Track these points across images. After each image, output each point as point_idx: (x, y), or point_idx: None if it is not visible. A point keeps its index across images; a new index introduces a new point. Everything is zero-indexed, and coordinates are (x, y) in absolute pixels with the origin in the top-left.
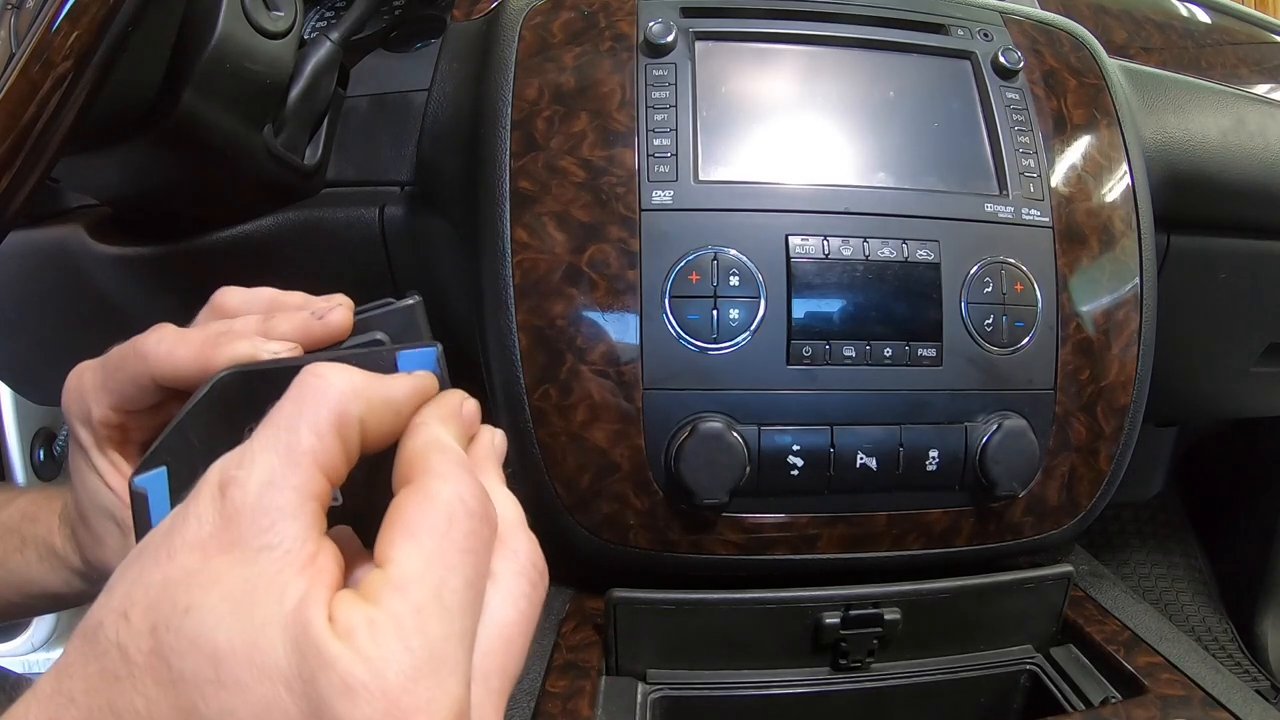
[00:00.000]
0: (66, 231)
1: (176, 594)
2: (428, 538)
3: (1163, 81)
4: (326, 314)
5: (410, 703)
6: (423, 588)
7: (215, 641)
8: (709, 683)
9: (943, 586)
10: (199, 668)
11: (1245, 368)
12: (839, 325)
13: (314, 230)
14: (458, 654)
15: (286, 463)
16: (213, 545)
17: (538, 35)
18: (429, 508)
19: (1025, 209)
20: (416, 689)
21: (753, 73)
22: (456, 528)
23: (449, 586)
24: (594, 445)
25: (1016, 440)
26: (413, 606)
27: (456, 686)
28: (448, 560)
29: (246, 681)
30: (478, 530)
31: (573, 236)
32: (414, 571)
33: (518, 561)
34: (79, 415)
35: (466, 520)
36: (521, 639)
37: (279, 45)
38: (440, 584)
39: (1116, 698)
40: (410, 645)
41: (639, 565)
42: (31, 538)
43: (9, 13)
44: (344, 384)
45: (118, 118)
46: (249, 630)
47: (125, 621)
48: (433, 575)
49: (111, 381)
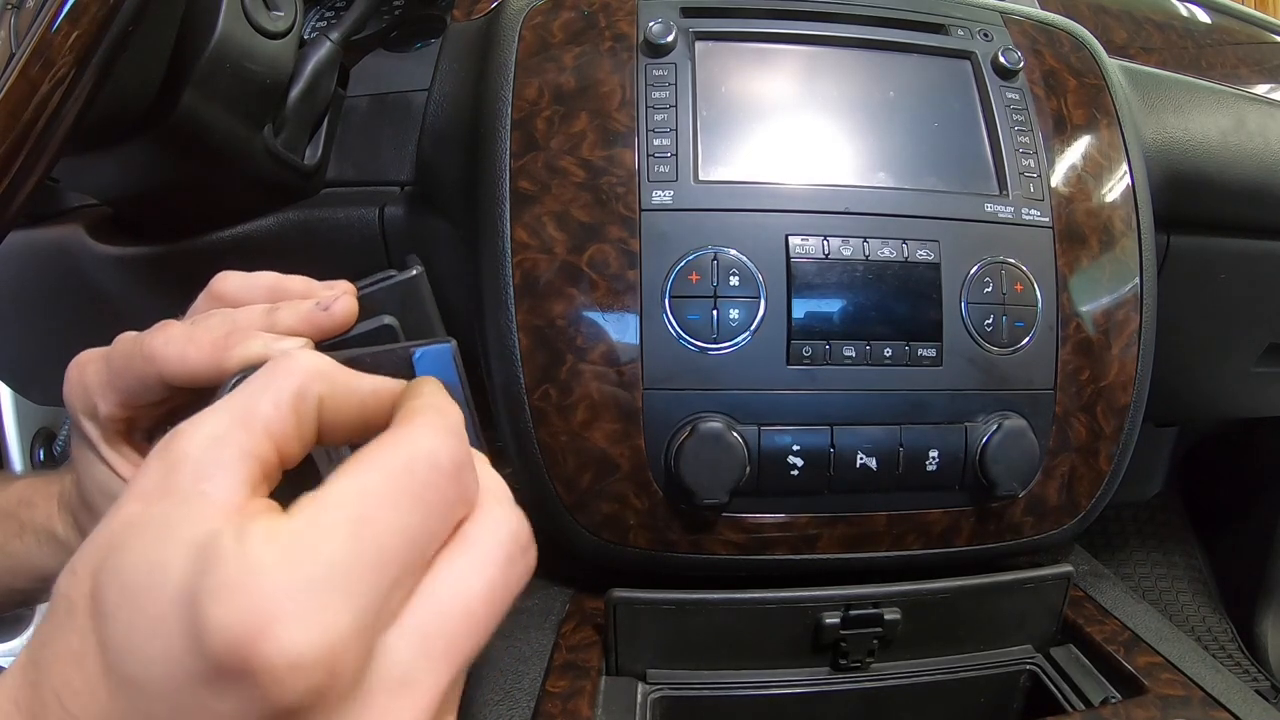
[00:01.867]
0: (66, 231)
1: (114, 539)
2: (376, 473)
3: (1163, 81)
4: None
5: (275, 610)
6: (342, 512)
7: (129, 570)
8: (709, 683)
9: (943, 586)
10: (114, 599)
11: (1245, 368)
12: (839, 325)
13: (314, 230)
14: (361, 589)
15: (235, 422)
16: (154, 494)
17: (538, 35)
18: (393, 450)
19: (1025, 209)
20: (286, 601)
21: (753, 73)
22: (413, 475)
23: (378, 523)
24: (594, 445)
25: (1016, 440)
26: (323, 525)
27: (341, 616)
28: (389, 499)
29: (145, 604)
30: (439, 486)
31: (573, 236)
32: (343, 496)
33: (496, 533)
34: (84, 409)
35: (429, 472)
36: (484, 612)
37: (279, 45)
38: (367, 517)
39: (1116, 698)
40: (300, 557)
41: (639, 565)
42: (30, 523)
43: (9, 13)
44: (310, 364)
45: (118, 118)
46: (155, 554)
47: (73, 575)
48: (362, 505)
49: (118, 380)
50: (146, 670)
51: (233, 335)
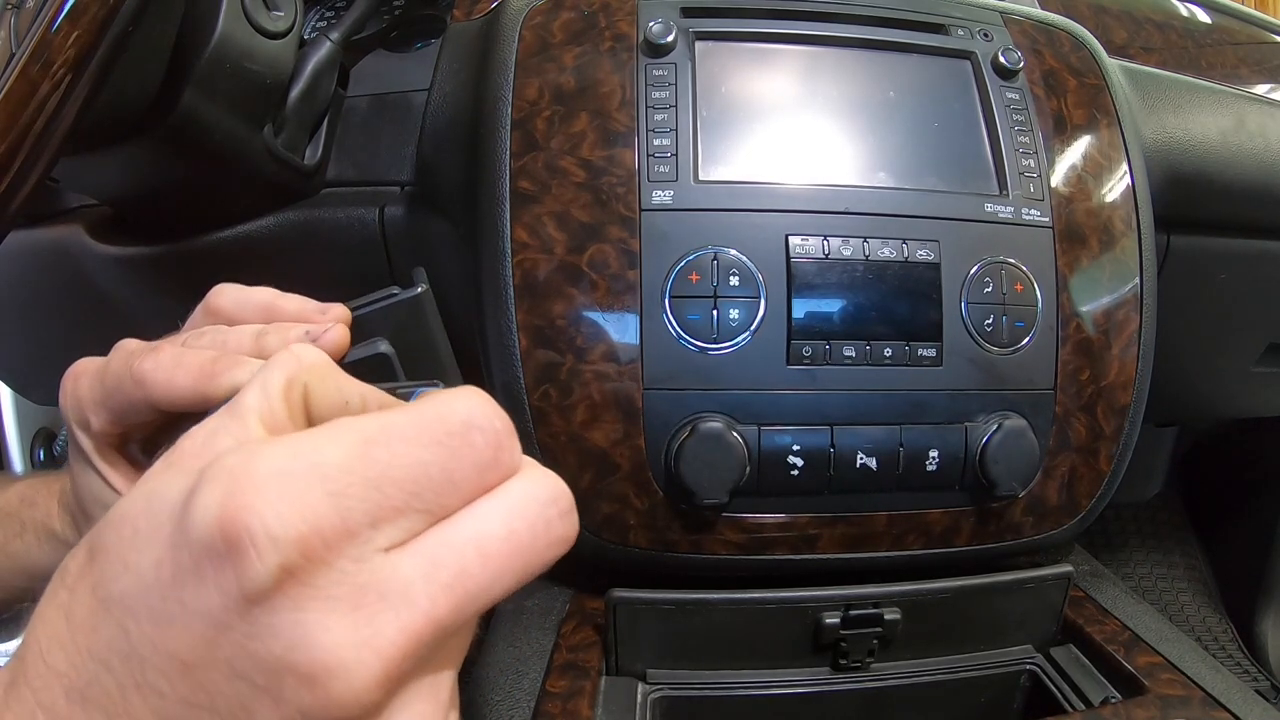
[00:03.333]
0: (66, 231)
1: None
2: (405, 414)
3: (1163, 81)
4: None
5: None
6: (355, 432)
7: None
8: (709, 683)
9: (943, 586)
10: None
11: (1245, 368)
12: (839, 325)
13: (314, 230)
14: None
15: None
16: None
17: (538, 35)
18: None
19: (1025, 209)
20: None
21: (753, 73)
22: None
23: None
24: (594, 445)
25: (1016, 440)
26: (329, 434)
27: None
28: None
29: (139, 526)
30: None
31: (573, 236)
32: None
33: (530, 489)
34: (78, 422)
35: (461, 424)
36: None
37: (279, 45)
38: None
39: (1116, 698)
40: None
41: (639, 565)
42: (31, 522)
43: (9, 13)
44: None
45: (118, 118)
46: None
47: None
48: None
49: (110, 400)
50: (135, 580)
51: (219, 361)
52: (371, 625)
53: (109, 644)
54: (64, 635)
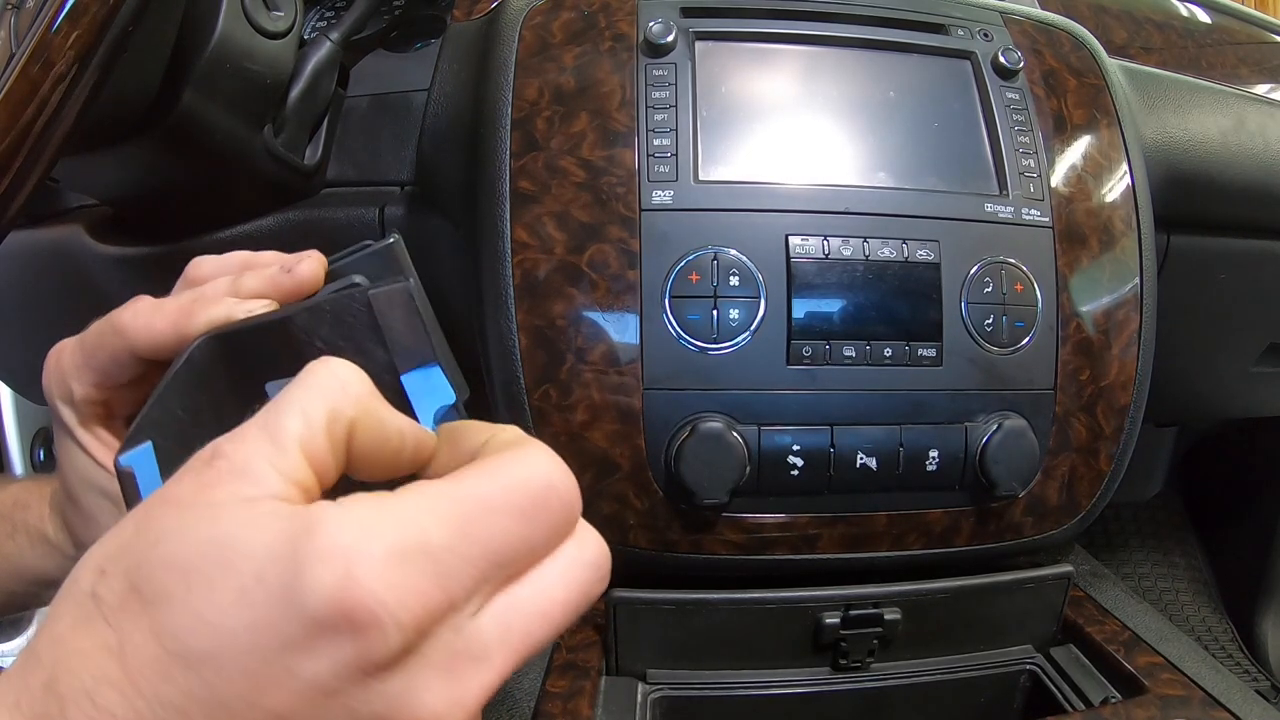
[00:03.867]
0: (66, 231)
1: (149, 536)
2: (492, 482)
3: (1163, 81)
4: (295, 266)
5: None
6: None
7: (183, 555)
8: (709, 683)
9: (943, 586)
10: (167, 584)
11: (1245, 368)
12: (839, 325)
13: (314, 230)
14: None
15: (274, 444)
16: (188, 501)
17: (538, 35)
18: (511, 465)
19: (1025, 209)
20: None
21: (753, 73)
22: (528, 493)
23: (487, 528)
24: (594, 445)
25: (1016, 440)
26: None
27: (435, 590)
28: (501, 510)
29: (215, 580)
30: (551, 509)
31: (573, 236)
32: (458, 493)
33: (584, 555)
34: (61, 395)
35: (544, 492)
36: (558, 617)
37: (279, 45)
38: (477, 519)
39: (1116, 698)
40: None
41: (639, 565)
42: (22, 525)
43: (9, 13)
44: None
45: (118, 118)
46: (219, 534)
47: (101, 575)
48: (476, 507)
49: (92, 360)
50: (228, 641)
51: (197, 301)
52: (462, 685)
53: (187, 694)
54: (118, 677)
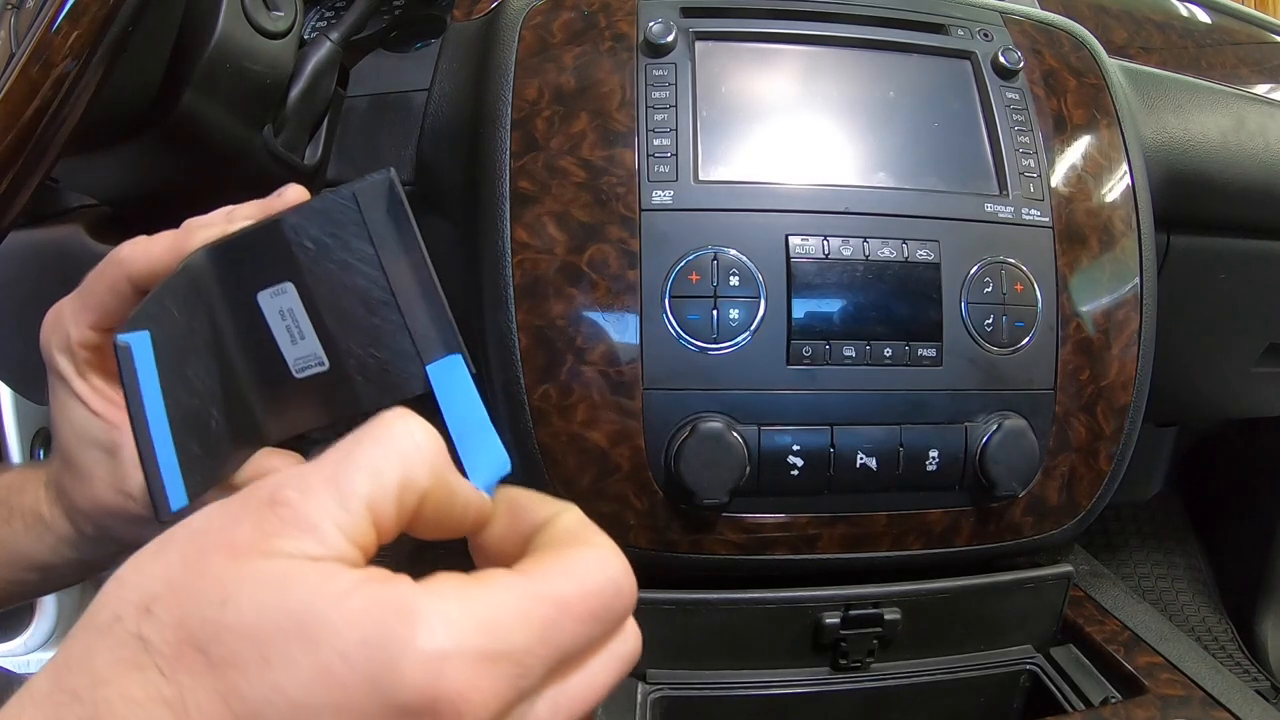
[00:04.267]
0: (66, 231)
1: (208, 588)
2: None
3: (1163, 81)
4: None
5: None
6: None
7: (257, 625)
8: (709, 683)
9: (943, 586)
10: (240, 651)
11: (1245, 368)
12: (839, 325)
13: None
14: (532, 674)
15: (342, 506)
16: (247, 550)
17: (538, 35)
18: (589, 568)
19: (1025, 209)
20: (481, 669)
21: (753, 73)
22: (602, 598)
23: (563, 631)
24: (594, 445)
25: (1016, 440)
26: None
27: (511, 691)
28: (577, 614)
29: (296, 657)
30: (616, 611)
31: (573, 236)
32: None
33: (625, 648)
34: (58, 344)
35: (614, 598)
36: (596, 700)
37: (279, 45)
38: (556, 624)
39: (1116, 698)
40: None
41: (639, 565)
42: (18, 508)
43: (9, 13)
44: (423, 443)
45: (118, 118)
46: (299, 607)
47: (147, 615)
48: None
49: (90, 298)
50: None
51: (192, 224)
52: None
53: None
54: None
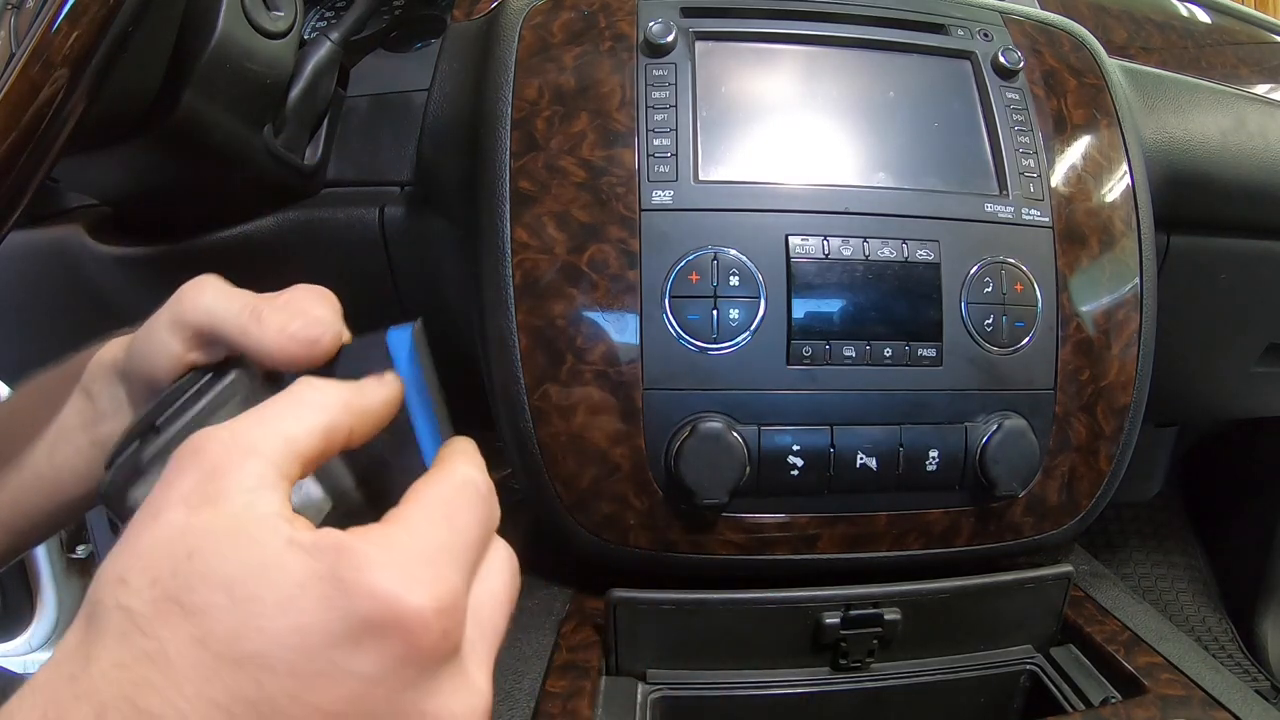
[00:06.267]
0: (66, 231)
1: (173, 545)
2: (446, 486)
3: (1163, 81)
4: None
5: (417, 575)
6: (433, 511)
7: (223, 572)
8: (709, 683)
9: (943, 587)
10: (209, 597)
11: (1245, 368)
12: (839, 325)
13: (314, 230)
14: (459, 565)
15: (271, 442)
16: (194, 500)
17: (538, 35)
18: (451, 472)
19: (1025, 209)
20: (424, 567)
21: (753, 73)
22: (469, 491)
23: (455, 521)
24: (594, 445)
25: (1016, 440)
26: (425, 517)
27: (457, 579)
28: (461, 502)
29: (260, 594)
30: (485, 506)
31: (573, 236)
32: (428, 500)
33: (502, 552)
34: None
35: (469, 490)
36: (505, 609)
37: (279, 45)
38: (447, 515)
39: (1116, 698)
40: (418, 540)
41: (639, 565)
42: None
43: (9, 13)
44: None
45: (118, 118)
46: (255, 556)
47: (124, 585)
48: (441, 508)
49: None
50: (275, 641)
51: None
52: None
53: (233, 693)
54: (159, 681)
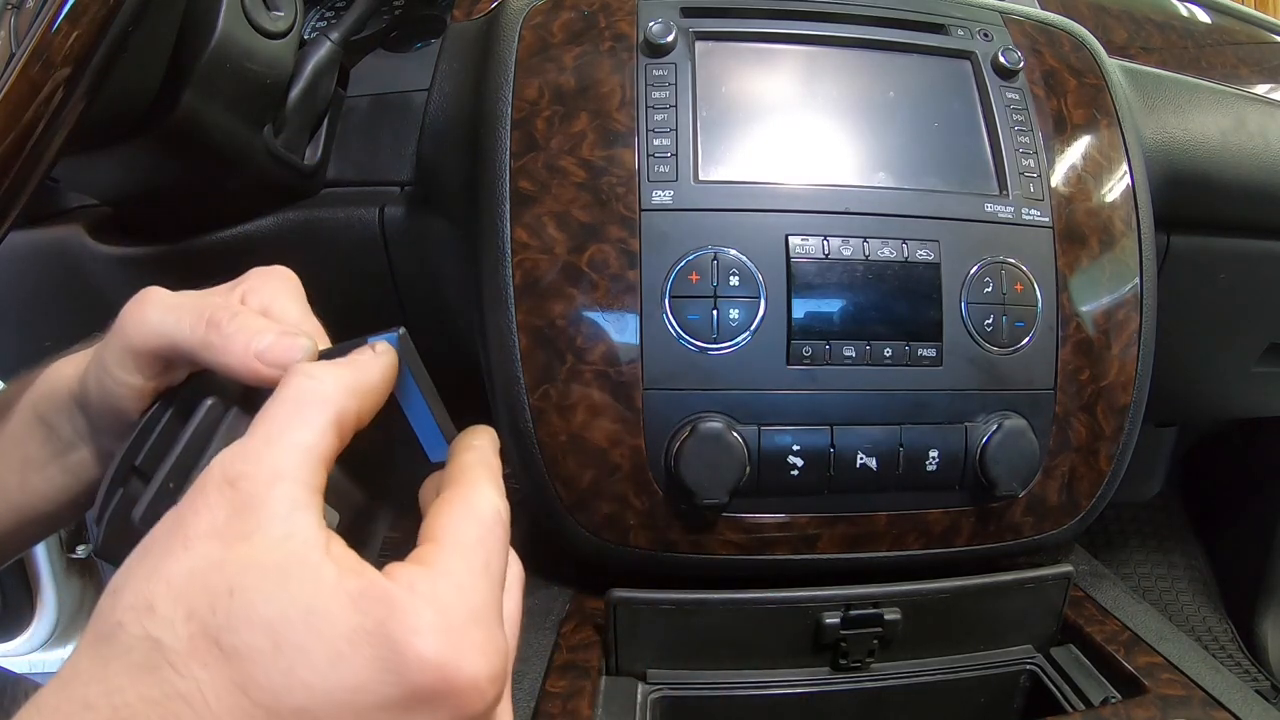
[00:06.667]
0: (66, 231)
1: (210, 579)
2: (480, 526)
3: (1163, 81)
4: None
5: (470, 641)
6: (474, 559)
7: (266, 614)
8: (709, 683)
9: (943, 587)
10: (253, 641)
11: (1245, 368)
12: (839, 325)
13: (314, 230)
14: (500, 616)
15: (294, 459)
16: (230, 534)
17: (538, 35)
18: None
19: (1025, 209)
20: (475, 630)
21: (753, 73)
22: (495, 527)
23: (491, 567)
24: (594, 445)
25: (1016, 440)
26: (467, 568)
27: (502, 637)
28: (492, 547)
29: (307, 645)
30: (505, 538)
31: (573, 236)
32: (467, 544)
33: (515, 569)
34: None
35: (500, 528)
36: (517, 630)
37: (279, 45)
38: (486, 562)
39: (1116, 698)
40: (467, 598)
41: (639, 565)
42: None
43: (9, 13)
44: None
45: (118, 118)
46: (300, 599)
47: (151, 614)
48: (481, 553)
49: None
50: (323, 700)
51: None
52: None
53: None
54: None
